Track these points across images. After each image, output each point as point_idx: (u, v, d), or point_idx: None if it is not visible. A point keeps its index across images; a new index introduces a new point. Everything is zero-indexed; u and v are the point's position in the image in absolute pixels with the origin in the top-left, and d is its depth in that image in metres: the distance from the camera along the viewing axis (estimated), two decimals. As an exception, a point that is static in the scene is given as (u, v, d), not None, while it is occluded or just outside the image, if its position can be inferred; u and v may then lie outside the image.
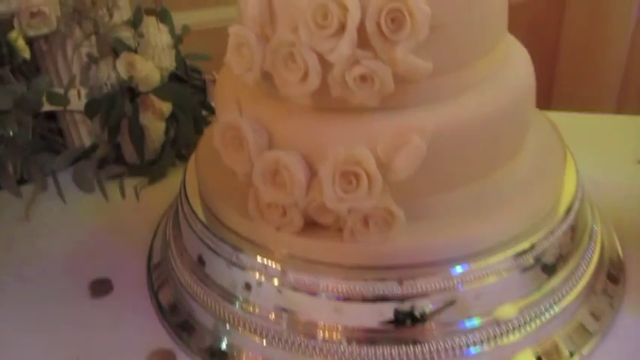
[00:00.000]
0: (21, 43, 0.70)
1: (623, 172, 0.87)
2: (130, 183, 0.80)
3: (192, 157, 0.73)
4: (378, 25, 0.48)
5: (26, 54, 0.71)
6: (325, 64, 0.50)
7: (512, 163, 0.61)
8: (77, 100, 0.86)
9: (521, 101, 0.58)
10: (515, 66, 0.60)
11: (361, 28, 0.48)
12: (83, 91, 0.89)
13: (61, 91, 0.79)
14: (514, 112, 0.58)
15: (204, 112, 1.03)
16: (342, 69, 0.50)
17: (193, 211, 0.66)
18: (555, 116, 1.01)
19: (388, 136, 0.51)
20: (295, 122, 0.55)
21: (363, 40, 0.49)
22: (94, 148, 0.94)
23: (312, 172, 0.54)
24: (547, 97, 1.75)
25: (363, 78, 0.50)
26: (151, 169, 0.91)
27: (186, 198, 0.68)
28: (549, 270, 0.60)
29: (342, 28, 0.49)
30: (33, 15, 0.75)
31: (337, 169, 0.50)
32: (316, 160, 0.53)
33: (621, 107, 1.56)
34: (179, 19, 1.74)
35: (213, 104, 1.02)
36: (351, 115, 0.53)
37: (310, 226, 0.56)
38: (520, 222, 0.59)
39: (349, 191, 0.51)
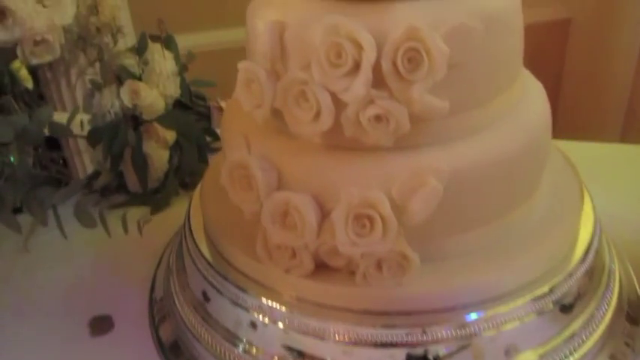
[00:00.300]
0: (24, 73, 0.68)
1: (637, 204, 0.85)
2: (132, 214, 0.78)
3: (198, 190, 0.71)
4: (395, 64, 0.46)
5: (29, 84, 0.69)
6: (338, 103, 0.48)
7: (529, 203, 0.59)
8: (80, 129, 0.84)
9: (538, 140, 0.56)
10: (531, 103, 0.58)
11: (376, 67, 0.47)
12: (86, 118, 0.87)
13: (64, 119, 0.78)
14: (531, 151, 0.56)
15: (208, 139, 1.01)
16: (356, 109, 0.48)
17: (197, 248, 0.63)
18: (560, 144, 1.00)
19: (403, 177, 0.49)
20: (306, 161, 0.53)
21: (378, 79, 0.47)
22: (96, 175, 0.92)
23: (324, 214, 0.51)
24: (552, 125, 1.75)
25: (378, 118, 0.48)
26: (154, 199, 0.89)
27: (191, 233, 0.65)
28: (569, 313, 0.57)
29: (356, 66, 0.47)
30: (36, 43, 0.73)
31: (350, 212, 0.48)
32: (328, 201, 0.51)
33: (625, 136, 1.55)
34: (184, 40, 1.74)
35: (217, 131, 1.01)
36: (364, 155, 0.51)
37: (320, 268, 0.54)
38: (538, 265, 0.57)
39: (363, 235, 0.49)
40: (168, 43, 0.92)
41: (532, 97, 0.59)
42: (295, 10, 0.52)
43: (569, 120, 1.71)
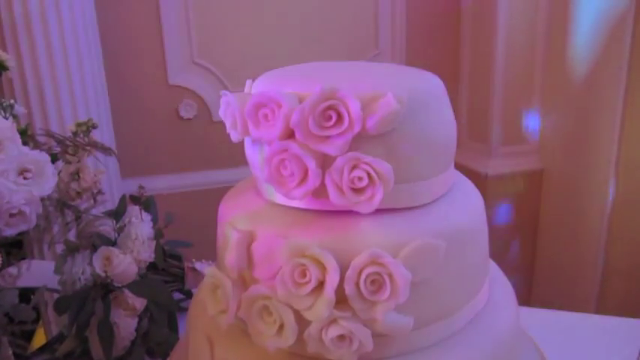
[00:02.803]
0: (-7, 253, 0.68)
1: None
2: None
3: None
4: (358, 286, 0.47)
5: (-2, 260, 0.69)
6: (302, 318, 0.48)
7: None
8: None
9: (506, 345, 0.56)
10: (498, 306, 0.58)
11: (339, 287, 0.47)
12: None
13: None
14: (500, 358, 0.55)
15: (180, 296, 1.00)
16: (319, 328, 0.47)
17: None
18: (536, 314, 1.00)
19: (366, 397, 0.48)
20: (269, 374, 0.51)
21: (340, 298, 0.47)
22: (60, 339, 0.89)
23: None
24: (527, 294, 1.77)
25: (341, 337, 0.47)
26: (118, 368, 0.85)
27: None
28: None
29: (320, 285, 0.48)
30: (12, 215, 0.74)
31: None
32: (289, 415, 0.49)
33: (600, 303, 1.56)
34: (165, 181, 1.78)
35: (193, 291, 1.00)
36: (328, 370, 0.50)
37: None
38: None
39: None
40: (148, 206, 0.93)
41: (499, 300, 0.59)
42: (265, 219, 0.53)
43: (546, 282, 1.73)
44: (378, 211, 0.50)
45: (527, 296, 1.81)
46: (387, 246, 0.48)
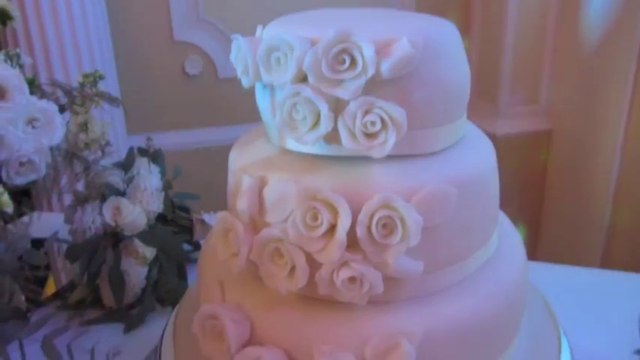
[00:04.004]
0: (4, 199, 0.68)
1: (617, 340, 0.84)
2: (102, 344, 0.74)
3: (172, 320, 0.70)
4: (369, 230, 0.47)
5: (9, 208, 0.69)
6: (313, 261, 0.49)
7: (506, 354, 0.58)
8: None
9: (514, 295, 0.56)
10: (507, 254, 0.59)
11: (351, 230, 0.47)
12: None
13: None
14: (508, 305, 0.56)
15: (188, 247, 1.01)
16: (330, 270, 0.48)
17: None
18: (542, 268, 1.00)
19: (376, 338, 0.48)
20: (280, 315, 0.52)
21: (352, 241, 0.48)
22: (71, 288, 0.90)
23: (295, 369, 0.50)
24: (532, 251, 1.77)
25: (352, 280, 0.48)
26: (129, 315, 0.87)
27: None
28: None
29: (331, 229, 0.48)
30: (22, 164, 0.74)
31: (321, 376, 0.47)
32: (300, 356, 0.50)
33: (605, 260, 1.56)
34: (173, 138, 1.78)
35: (200, 242, 1.01)
36: (338, 310, 0.51)
37: None
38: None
39: (333, 399, 0.48)
40: (156, 158, 0.93)
41: (508, 248, 0.60)
42: (276, 165, 0.53)
43: (552, 239, 1.73)
44: (391, 157, 0.50)
45: (532, 254, 1.82)
46: (399, 191, 0.48)
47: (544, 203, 1.82)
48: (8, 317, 0.66)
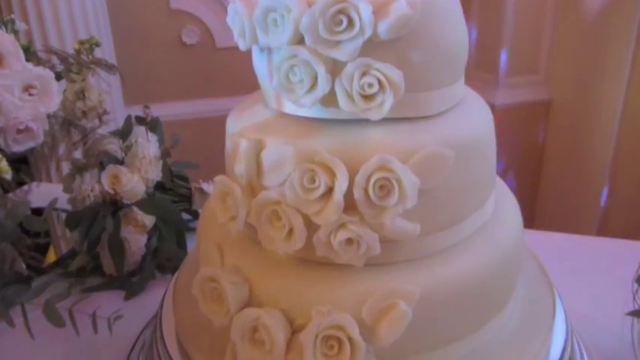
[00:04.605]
0: (3, 165, 0.68)
1: (612, 305, 0.85)
2: (104, 308, 0.75)
3: (172, 285, 0.71)
4: (366, 192, 0.47)
5: (8, 174, 0.69)
6: (310, 223, 0.49)
7: (500, 317, 0.59)
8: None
9: (510, 257, 0.57)
10: (504, 219, 0.59)
11: (348, 192, 0.48)
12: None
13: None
14: (503, 269, 0.56)
15: (187, 217, 1.01)
16: (327, 232, 0.48)
17: (167, 352, 0.62)
18: (539, 236, 1.01)
19: (373, 298, 0.49)
20: (278, 277, 0.53)
21: (349, 203, 0.48)
22: (72, 255, 0.91)
23: (294, 330, 0.51)
24: (530, 214, 1.78)
25: (349, 241, 0.48)
26: (129, 282, 0.88)
27: (162, 337, 0.64)
28: None
29: (329, 191, 0.48)
30: (19, 131, 0.74)
31: (319, 334, 0.48)
32: (298, 317, 0.51)
33: (602, 229, 1.57)
34: (170, 109, 1.77)
35: (199, 211, 1.01)
36: (335, 272, 0.52)
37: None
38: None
39: (330, 357, 0.49)
40: (153, 126, 0.93)
41: (505, 211, 0.60)
42: (274, 129, 0.53)
43: (549, 208, 1.74)
44: (388, 120, 0.50)
45: (530, 223, 1.84)
46: (396, 153, 0.48)
47: (542, 172, 1.82)
48: (10, 281, 0.67)
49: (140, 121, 0.94)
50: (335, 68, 0.49)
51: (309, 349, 0.48)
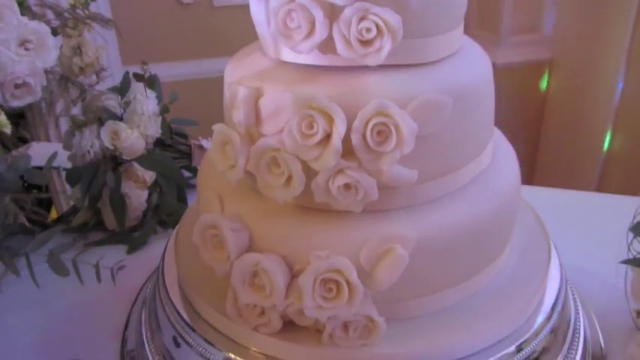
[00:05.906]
0: (2, 119, 0.68)
1: (607, 257, 0.87)
2: (107, 258, 0.77)
3: (174, 235, 0.72)
4: (364, 137, 0.47)
5: (7, 129, 0.69)
6: (309, 170, 0.50)
7: (496, 264, 0.61)
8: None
9: (506, 205, 0.58)
10: (501, 167, 0.60)
11: (346, 138, 0.48)
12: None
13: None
14: (499, 216, 0.57)
15: (188, 174, 1.02)
16: (325, 177, 0.49)
17: (170, 299, 0.64)
18: (538, 192, 1.02)
19: (371, 243, 0.50)
20: (277, 223, 0.54)
21: (347, 149, 0.48)
22: (74, 212, 0.92)
23: (293, 274, 0.52)
24: (530, 171, 1.78)
25: (347, 187, 0.49)
26: (131, 237, 0.89)
27: (164, 283, 0.66)
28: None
29: (327, 137, 0.48)
30: (17, 86, 0.74)
31: (318, 277, 0.49)
32: (297, 262, 0.52)
33: (601, 185, 1.58)
34: (168, 69, 1.75)
35: (198, 168, 1.02)
36: (333, 218, 0.52)
37: (288, 326, 0.55)
38: (504, 326, 0.58)
39: (329, 299, 0.50)
40: (152, 83, 0.93)
41: (502, 161, 0.61)
42: (272, 76, 0.53)
43: (549, 165, 1.74)
44: (386, 67, 0.50)
45: (530, 179, 1.84)
46: (394, 99, 0.48)
47: (542, 131, 1.82)
48: (15, 232, 0.68)
49: (138, 77, 0.94)
50: (333, 13, 0.48)
51: (307, 291, 0.49)
